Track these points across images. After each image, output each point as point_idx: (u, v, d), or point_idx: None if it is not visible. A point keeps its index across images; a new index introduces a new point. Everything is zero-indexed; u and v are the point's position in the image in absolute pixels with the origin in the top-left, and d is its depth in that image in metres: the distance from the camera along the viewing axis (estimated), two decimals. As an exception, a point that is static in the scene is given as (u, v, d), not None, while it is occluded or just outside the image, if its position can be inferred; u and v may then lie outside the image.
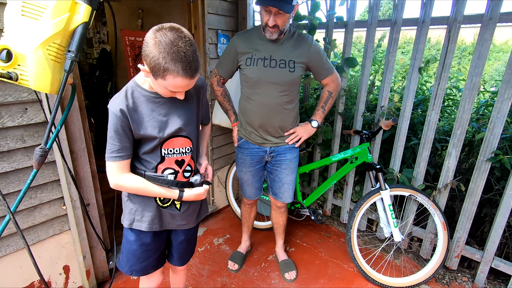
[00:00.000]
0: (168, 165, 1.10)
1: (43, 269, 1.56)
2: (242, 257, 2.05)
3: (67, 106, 1.23)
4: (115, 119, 0.98)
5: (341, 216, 2.51)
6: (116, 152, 1.00)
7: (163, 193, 1.07)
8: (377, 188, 1.91)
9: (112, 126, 0.98)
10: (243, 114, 1.70)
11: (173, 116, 1.07)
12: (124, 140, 1.00)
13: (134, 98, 1.01)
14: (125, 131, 0.99)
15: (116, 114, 0.97)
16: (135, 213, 1.13)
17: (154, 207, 1.13)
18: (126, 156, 1.02)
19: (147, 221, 1.13)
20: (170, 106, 1.06)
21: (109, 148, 0.99)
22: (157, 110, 1.04)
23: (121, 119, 0.98)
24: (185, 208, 1.19)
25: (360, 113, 2.16)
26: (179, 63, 0.86)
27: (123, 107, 0.98)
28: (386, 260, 2.08)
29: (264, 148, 1.71)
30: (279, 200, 1.82)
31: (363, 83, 2.09)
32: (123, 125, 0.99)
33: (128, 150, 1.02)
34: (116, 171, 1.02)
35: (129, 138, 1.01)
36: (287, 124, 1.66)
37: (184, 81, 0.90)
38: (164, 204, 1.15)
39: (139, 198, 1.13)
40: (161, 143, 1.06)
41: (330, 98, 1.71)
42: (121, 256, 1.20)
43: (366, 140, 1.94)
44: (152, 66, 0.87)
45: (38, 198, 1.47)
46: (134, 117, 1.01)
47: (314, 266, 2.06)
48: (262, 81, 1.52)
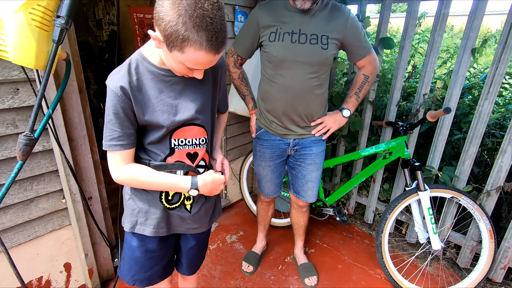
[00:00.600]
0: (178, 158, 0.91)
1: (42, 266, 1.42)
2: (257, 258, 1.88)
3: (60, 87, 1.04)
4: (114, 99, 0.79)
5: (365, 215, 2.28)
6: (116, 139, 0.81)
7: (172, 184, 0.87)
8: (413, 188, 1.67)
9: (111, 107, 0.79)
10: (263, 100, 1.48)
11: (186, 99, 0.87)
12: (126, 126, 0.81)
13: (138, 74, 0.81)
14: (127, 115, 0.81)
15: (116, 92, 0.78)
16: (137, 215, 0.95)
17: (161, 208, 0.95)
18: (128, 145, 0.83)
19: (152, 224, 0.95)
20: (183, 88, 0.87)
21: (107, 135, 0.81)
22: (167, 91, 0.84)
23: (122, 99, 0.79)
24: (197, 209, 1.00)
25: (394, 102, 1.89)
26: (203, 32, 0.65)
27: (125, 84, 0.79)
28: (420, 270, 1.85)
29: (287, 140, 1.49)
30: (302, 199, 1.61)
31: (400, 67, 1.82)
32: (125, 107, 0.80)
33: (131, 138, 0.84)
34: (118, 163, 0.84)
35: (132, 124, 0.83)
36: (314, 112, 1.43)
37: (207, 56, 0.69)
38: (172, 205, 0.96)
39: (143, 196, 0.95)
40: (170, 132, 0.87)
41: (366, 83, 1.46)
42: (122, 263, 1.03)
43: (403, 133, 1.69)
44: (168, 34, 0.66)
45: (34, 190, 1.31)
46: (138, 98, 0.81)
47: (336, 271, 1.87)
48: (289, 60, 1.29)
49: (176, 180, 0.87)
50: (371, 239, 2.19)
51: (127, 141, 0.83)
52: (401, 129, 1.69)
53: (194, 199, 0.99)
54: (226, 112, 1.16)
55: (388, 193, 2.13)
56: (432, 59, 1.69)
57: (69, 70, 1.07)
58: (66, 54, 1.03)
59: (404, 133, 1.69)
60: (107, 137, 0.81)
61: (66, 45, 1.25)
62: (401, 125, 1.70)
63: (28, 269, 1.38)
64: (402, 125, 1.69)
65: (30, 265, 1.38)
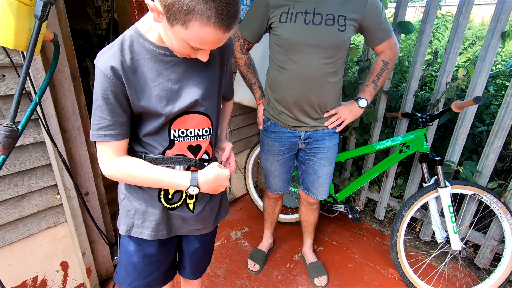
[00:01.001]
0: (178, 151, 0.80)
1: (37, 265, 1.34)
2: (264, 256, 1.79)
3: (48, 72, 0.93)
4: (104, 81, 0.67)
5: (376, 211, 2.18)
6: (105, 129, 0.70)
7: (169, 180, 0.76)
8: (432, 184, 1.55)
9: (99, 91, 0.68)
10: (271, 89, 1.36)
11: (188, 84, 0.76)
12: (117, 113, 0.70)
13: (133, 53, 0.70)
14: (119, 100, 0.70)
15: (106, 73, 0.67)
16: (134, 216, 0.85)
17: (160, 208, 0.85)
18: (120, 135, 0.72)
19: (150, 226, 0.85)
20: (184, 70, 0.75)
21: (96, 123, 0.70)
22: (166, 73, 0.73)
23: (113, 81, 0.67)
24: (200, 209, 0.90)
25: (411, 91, 1.76)
26: (212, 3, 0.54)
27: (116, 64, 0.67)
28: (438, 271, 1.74)
29: (298, 132, 1.37)
30: (312, 196, 1.50)
31: (419, 53, 1.68)
32: (116, 91, 0.68)
33: (123, 127, 0.73)
34: (108, 155, 0.74)
35: (125, 111, 0.72)
36: (328, 102, 1.31)
37: (215, 33, 0.58)
38: (172, 204, 0.86)
39: (139, 195, 0.85)
40: (169, 121, 0.76)
41: (385, 70, 1.33)
42: (119, 268, 0.93)
43: (422, 125, 1.57)
44: (169, 4, 0.55)
45: (26, 185, 1.22)
46: (132, 81, 0.70)
47: (347, 270, 1.77)
48: (302, 44, 1.16)
49: (173, 176, 0.76)
50: (382, 236, 2.09)
51: (119, 131, 0.72)
52: (420, 120, 1.56)
53: (197, 198, 0.89)
54: (232, 99, 1.05)
55: (401, 188, 2.02)
56: (455, 44, 1.55)
57: (58, 53, 0.96)
58: (54, 34, 0.92)
59: (424, 125, 1.57)
60: (95, 126, 0.70)
61: (57, 27, 1.13)
62: (420, 116, 1.57)
63: (22, 269, 1.30)
64: (422, 117, 1.56)
65: (23, 265, 1.30)
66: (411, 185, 1.92)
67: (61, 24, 1.17)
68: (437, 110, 1.68)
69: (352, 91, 1.92)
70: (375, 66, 1.34)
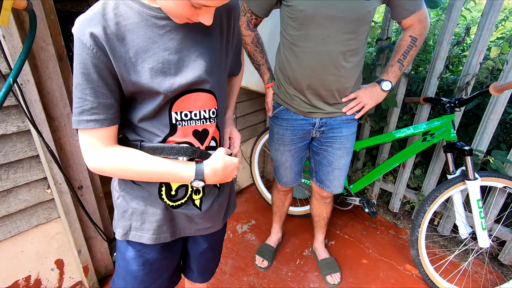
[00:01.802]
0: (182, 138, 0.67)
1: (29, 265, 1.24)
2: (272, 251, 1.68)
3: (23, 48, 0.79)
4: (83, 53, 0.54)
5: (390, 203, 2.05)
6: (88, 113, 0.57)
7: (170, 172, 0.64)
8: (458, 176, 1.41)
9: (78, 65, 0.55)
10: (282, 71, 1.20)
11: (190, 55, 0.62)
12: (102, 93, 0.57)
13: (119, 17, 0.56)
14: (103, 77, 0.57)
15: (85, 42, 0.54)
16: (131, 218, 0.72)
17: (161, 207, 0.72)
18: (106, 121, 0.59)
19: (150, 229, 0.72)
20: (183, 37, 0.61)
21: (76, 106, 0.58)
22: (162, 41, 0.59)
23: (94, 52, 0.54)
24: (208, 205, 0.77)
25: (436, 73, 1.59)
26: None
27: (98, 30, 0.54)
28: (461, 269, 1.62)
29: (312, 119, 1.23)
30: (326, 190, 1.37)
31: (447, 31, 1.50)
32: (98, 65, 0.55)
33: (110, 111, 0.60)
34: (94, 145, 0.61)
35: (112, 91, 0.59)
36: (348, 85, 1.16)
37: None
38: (176, 202, 0.73)
39: (136, 193, 0.72)
40: (169, 101, 0.62)
41: (413, 47, 1.16)
42: (116, 277, 0.81)
43: (450, 111, 1.41)
44: None
45: (11, 179, 1.10)
46: (120, 52, 0.56)
47: (361, 267, 1.67)
48: (319, 16, 1.00)
49: (175, 168, 0.64)
50: (397, 229, 1.98)
51: (104, 115, 0.58)
52: (447, 106, 1.40)
53: (205, 192, 0.76)
54: (240, 73, 0.91)
55: (419, 179, 1.88)
56: (491, 19, 1.37)
57: (34, 25, 0.81)
58: (28, 2, 0.77)
59: (451, 111, 1.41)
60: (76, 110, 0.58)
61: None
62: (447, 101, 1.41)
63: (13, 268, 1.20)
64: (449, 102, 1.40)
65: (14, 264, 1.20)
66: (431, 176, 1.78)
67: (42, -6, 1.01)
68: (466, 94, 1.52)
69: (369, 74, 1.75)
70: (401, 43, 1.18)
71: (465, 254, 1.72)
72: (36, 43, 1.02)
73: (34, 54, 1.03)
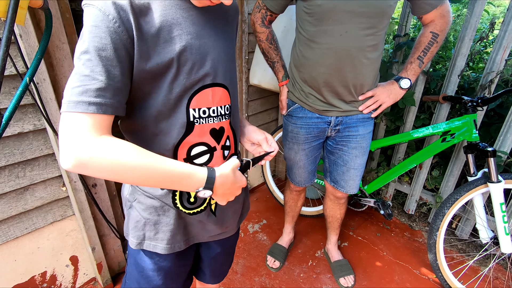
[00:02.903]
0: (199, 138, 0.63)
1: (45, 261, 1.26)
2: (284, 252, 1.66)
3: (39, 47, 0.79)
4: (102, 25, 0.47)
5: (406, 205, 1.99)
6: (93, 93, 0.47)
7: (177, 173, 0.53)
8: (480, 178, 1.35)
9: (92, 38, 0.47)
10: (298, 68, 1.17)
11: (209, 43, 0.59)
12: (114, 74, 0.49)
13: None
14: (119, 55, 0.49)
15: (107, 14, 0.47)
16: (144, 228, 0.70)
17: (174, 216, 0.69)
18: (112, 107, 0.49)
19: (164, 239, 0.70)
20: (205, 25, 0.59)
21: (78, 84, 0.47)
22: (185, 24, 0.55)
23: (116, 27, 0.48)
24: (223, 211, 0.75)
25: (457, 71, 1.53)
26: None
27: (124, 2, 0.48)
28: (481, 275, 1.56)
29: (328, 117, 1.19)
30: (341, 190, 1.34)
31: (469, 26, 1.43)
32: (117, 41, 0.48)
33: (118, 96, 0.50)
34: (86, 132, 0.47)
35: (123, 73, 0.51)
36: (365, 82, 1.12)
37: None
38: (192, 209, 0.70)
39: (148, 201, 0.68)
40: (188, 93, 0.58)
41: (434, 43, 1.11)
42: (129, 280, 0.79)
43: (471, 110, 1.35)
44: None
45: (28, 177, 1.12)
46: (143, 29, 0.50)
47: (375, 270, 1.63)
48: (338, 11, 0.96)
49: (185, 170, 0.54)
50: (412, 231, 1.92)
51: (111, 100, 0.49)
52: (469, 105, 1.34)
53: None
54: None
55: (437, 181, 1.82)
56: (518, 12, 1.30)
57: (50, 24, 0.81)
58: (43, 0, 0.76)
59: (473, 110, 1.35)
60: (76, 89, 0.47)
61: (52, -4, 0.98)
62: (468, 100, 1.35)
63: (30, 264, 1.22)
64: (471, 101, 1.34)
65: (30, 260, 1.22)
66: (450, 177, 1.72)
67: (57, -7, 1.01)
68: (489, 92, 1.45)
69: (385, 71, 1.70)
70: (421, 39, 1.13)
71: (485, 259, 1.66)
72: (51, 42, 1.02)
73: (49, 53, 1.03)
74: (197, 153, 0.65)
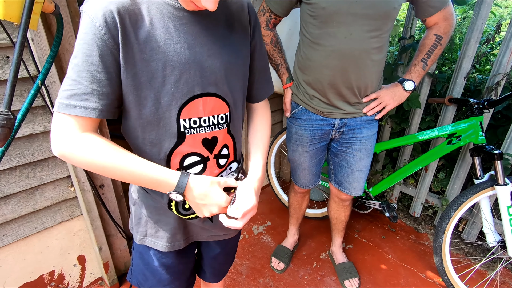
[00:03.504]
0: (191, 148, 0.63)
1: (53, 260, 1.29)
2: (289, 253, 1.66)
3: (51, 50, 0.81)
4: (89, 32, 0.50)
5: (411, 207, 1.98)
6: (78, 98, 0.51)
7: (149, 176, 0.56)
8: (486, 181, 1.34)
9: (82, 45, 0.50)
10: (302, 70, 1.18)
11: (202, 52, 0.59)
12: (99, 79, 0.51)
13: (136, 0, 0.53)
14: (105, 61, 0.51)
15: (94, 22, 0.49)
16: (146, 225, 0.73)
17: (174, 216, 0.71)
18: (96, 110, 0.52)
19: (164, 237, 0.72)
20: (198, 33, 0.58)
21: (67, 88, 0.51)
22: (176, 32, 0.56)
23: (102, 34, 0.50)
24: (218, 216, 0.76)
25: (463, 73, 1.52)
26: None
27: (111, 11, 0.50)
28: (488, 279, 1.54)
29: (332, 120, 1.20)
30: (345, 192, 1.34)
31: (475, 28, 1.43)
32: (103, 48, 0.51)
33: (103, 100, 0.53)
34: (71, 130, 0.53)
35: (110, 77, 0.53)
36: (369, 84, 1.13)
37: None
38: (187, 215, 0.71)
39: (149, 202, 0.71)
40: (177, 103, 0.59)
41: (438, 46, 1.11)
42: (135, 272, 0.82)
43: (477, 112, 1.34)
44: None
45: (38, 177, 1.14)
46: (130, 36, 0.52)
47: (380, 272, 1.62)
48: (342, 13, 0.97)
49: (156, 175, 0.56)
50: (418, 234, 1.91)
51: (95, 104, 0.52)
52: (475, 107, 1.34)
53: None
54: (264, 102, 0.80)
55: (443, 183, 1.81)
56: (524, 14, 1.29)
57: (61, 28, 0.83)
58: (55, 5, 0.79)
59: (479, 113, 1.34)
60: (65, 93, 0.51)
61: (62, 0, 1.01)
62: (475, 102, 1.34)
63: (38, 263, 1.24)
64: (477, 103, 1.34)
65: (39, 259, 1.24)
66: (456, 180, 1.71)
67: (67, -2, 1.04)
68: (496, 94, 1.44)
69: (390, 74, 1.70)
70: (425, 42, 1.13)
71: (492, 263, 1.64)
72: (61, 45, 1.05)
73: (60, 56, 1.06)
74: (190, 163, 0.65)
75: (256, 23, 0.69)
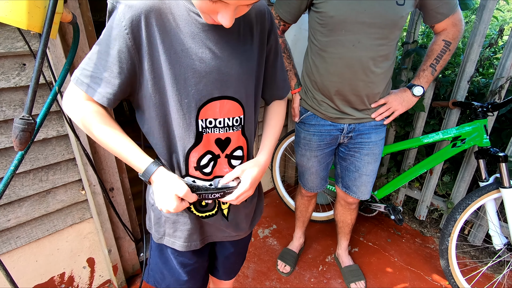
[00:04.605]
0: (205, 147, 0.67)
1: (63, 262, 1.30)
2: (295, 257, 1.67)
3: (67, 58, 0.84)
4: (116, 28, 0.55)
5: (417, 211, 1.99)
6: (90, 79, 0.59)
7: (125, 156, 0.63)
8: (492, 184, 1.35)
9: (108, 37, 0.57)
10: (310, 76, 1.21)
11: (222, 57, 0.63)
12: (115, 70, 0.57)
13: (163, 4, 0.57)
14: (120, 57, 0.57)
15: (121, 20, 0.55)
16: (164, 225, 0.75)
17: (191, 217, 0.74)
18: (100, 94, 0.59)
19: (182, 237, 0.75)
20: (219, 39, 0.62)
21: (86, 67, 0.59)
22: (199, 37, 0.60)
23: (127, 33, 0.55)
24: (235, 215, 0.78)
25: (466, 77, 1.54)
26: None
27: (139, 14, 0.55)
28: (495, 282, 1.54)
29: (340, 125, 1.22)
30: (353, 196, 1.35)
31: (478, 33, 1.45)
32: (123, 46, 0.56)
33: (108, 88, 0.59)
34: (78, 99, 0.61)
35: (121, 71, 0.58)
36: (377, 91, 1.14)
37: None
38: (204, 213, 0.74)
39: None
40: (197, 104, 0.62)
41: (447, 51, 1.13)
42: (152, 271, 0.84)
43: (482, 115, 1.36)
44: None
45: (50, 181, 1.17)
46: (154, 41, 0.57)
47: (386, 276, 1.62)
48: (350, 22, 1.00)
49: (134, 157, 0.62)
50: (423, 238, 1.91)
51: (102, 89, 0.58)
52: (479, 110, 1.35)
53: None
54: (283, 100, 0.85)
55: (448, 186, 1.82)
56: (527, 20, 1.31)
57: (78, 37, 0.86)
58: (73, 15, 0.82)
59: (483, 116, 1.36)
60: (84, 71, 0.59)
61: (77, 10, 1.04)
62: (479, 105, 1.36)
63: (49, 265, 1.26)
64: (481, 106, 1.35)
65: (51, 261, 1.26)
66: (461, 183, 1.72)
67: (81, 7, 1.07)
68: (499, 98, 1.46)
69: (394, 78, 1.72)
70: (434, 47, 1.15)
71: (498, 266, 1.64)
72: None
73: (73, 63, 1.09)
74: (205, 163, 0.69)
75: (272, 26, 0.72)
